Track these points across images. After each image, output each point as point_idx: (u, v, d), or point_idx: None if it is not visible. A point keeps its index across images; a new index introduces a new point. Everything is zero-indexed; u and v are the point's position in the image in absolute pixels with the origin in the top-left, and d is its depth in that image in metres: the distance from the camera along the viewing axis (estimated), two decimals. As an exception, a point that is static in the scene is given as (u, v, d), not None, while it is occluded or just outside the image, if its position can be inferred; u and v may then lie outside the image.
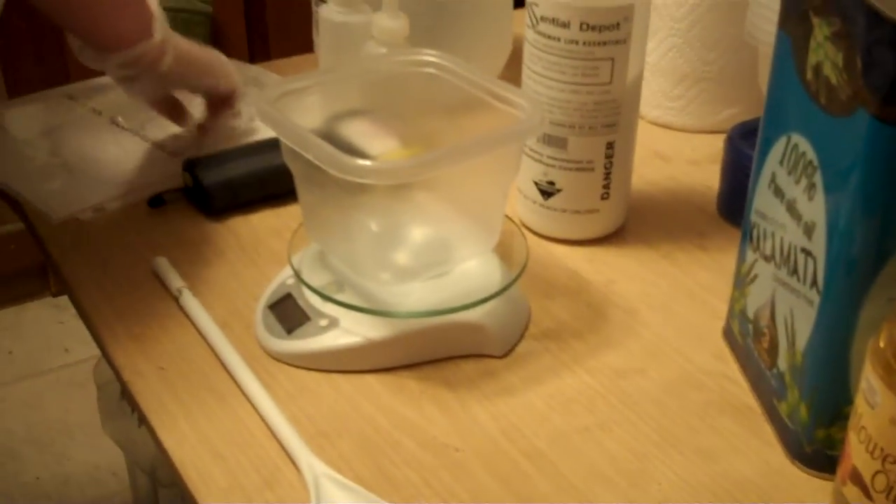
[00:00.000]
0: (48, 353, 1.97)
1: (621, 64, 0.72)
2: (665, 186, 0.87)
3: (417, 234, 0.70)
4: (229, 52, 0.88)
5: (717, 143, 0.86)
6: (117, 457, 1.20)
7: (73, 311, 0.73)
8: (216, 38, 2.26)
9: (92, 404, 1.13)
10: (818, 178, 0.54)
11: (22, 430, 1.82)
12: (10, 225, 2.05)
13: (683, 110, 0.96)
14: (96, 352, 0.72)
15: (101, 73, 1.06)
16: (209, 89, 0.87)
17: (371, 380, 0.65)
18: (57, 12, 0.77)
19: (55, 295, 2.07)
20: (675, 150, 0.93)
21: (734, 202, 0.79)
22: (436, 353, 0.66)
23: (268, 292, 0.69)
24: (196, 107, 0.91)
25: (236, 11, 2.28)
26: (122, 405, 1.03)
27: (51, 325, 2.05)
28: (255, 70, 1.06)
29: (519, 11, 0.93)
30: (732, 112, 0.94)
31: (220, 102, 0.89)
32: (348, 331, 0.65)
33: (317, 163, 0.59)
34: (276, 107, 0.64)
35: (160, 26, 0.78)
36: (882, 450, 0.48)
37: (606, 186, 0.76)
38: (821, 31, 0.53)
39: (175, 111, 0.89)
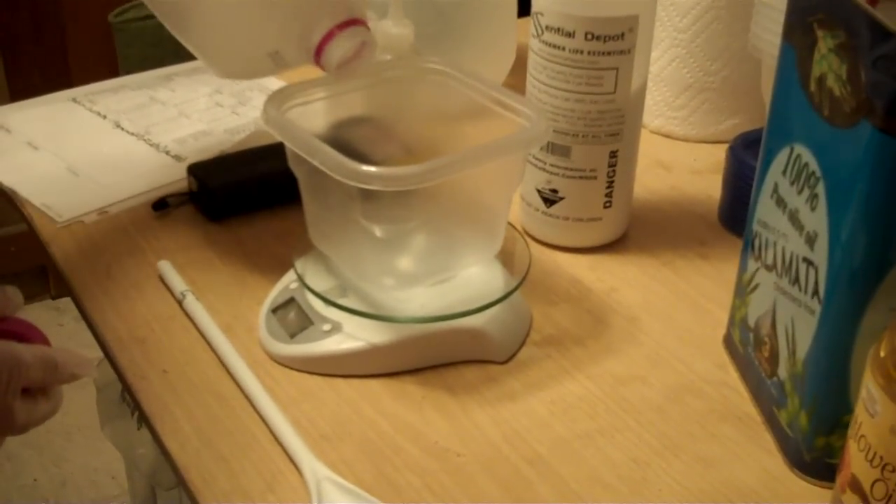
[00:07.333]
0: (47, 355, 1.97)
1: (625, 74, 0.72)
2: (667, 195, 0.88)
3: (421, 240, 0.70)
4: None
5: (719, 153, 0.87)
6: (116, 459, 1.20)
7: (72, 313, 0.74)
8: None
9: (91, 406, 1.13)
10: (821, 189, 0.54)
11: (20, 433, 1.82)
12: (10, 227, 2.05)
13: (686, 120, 0.96)
14: (95, 355, 0.72)
15: (105, 77, 1.06)
16: None
17: (373, 384, 0.65)
18: None
19: (55, 297, 2.07)
20: (678, 160, 0.94)
21: (736, 211, 0.79)
22: (438, 358, 0.66)
23: (271, 296, 0.70)
24: (198, 113, 0.90)
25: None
26: (122, 407, 1.03)
27: (50, 327, 2.04)
28: (259, 75, 1.06)
29: (523, 20, 0.93)
30: (735, 122, 0.95)
31: None
32: (351, 335, 0.65)
33: (322, 168, 0.59)
34: (282, 112, 0.64)
35: None
36: (881, 458, 0.48)
37: (609, 195, 0.77)
38: (825, 43, 0.53)
39: None
